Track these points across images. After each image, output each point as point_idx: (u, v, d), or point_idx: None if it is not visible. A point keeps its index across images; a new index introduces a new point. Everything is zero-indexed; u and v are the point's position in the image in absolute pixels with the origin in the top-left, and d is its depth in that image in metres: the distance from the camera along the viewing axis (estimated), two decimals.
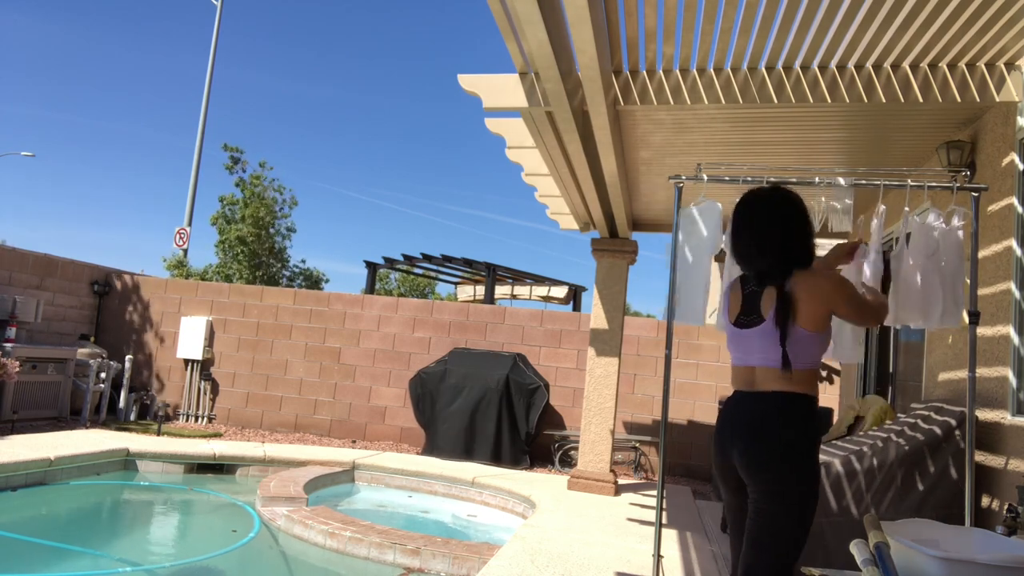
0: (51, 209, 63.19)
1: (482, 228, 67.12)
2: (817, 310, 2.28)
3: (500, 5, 3.19)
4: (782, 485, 2.22)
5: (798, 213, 2.42)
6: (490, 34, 63.76)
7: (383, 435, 9.26)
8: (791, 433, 2.25)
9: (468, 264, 11.59)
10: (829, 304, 2.29)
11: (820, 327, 2.29)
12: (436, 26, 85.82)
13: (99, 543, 4.99)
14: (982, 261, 4.04)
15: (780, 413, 2.28)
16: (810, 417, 2.29)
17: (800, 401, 2.28)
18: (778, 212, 2.41)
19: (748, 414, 2.33)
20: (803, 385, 2.29)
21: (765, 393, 2.32)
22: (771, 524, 2.22)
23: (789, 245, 2.36)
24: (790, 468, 2.22)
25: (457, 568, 4.50)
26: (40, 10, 68.81)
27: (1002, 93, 3.87)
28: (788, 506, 2.21)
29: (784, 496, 2.21)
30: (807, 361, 2.30)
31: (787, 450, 2.23)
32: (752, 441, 2.28)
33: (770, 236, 2.38)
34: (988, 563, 2.07)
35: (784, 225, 2.39)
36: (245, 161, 19.55)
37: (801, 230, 2.40)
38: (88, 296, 9.94)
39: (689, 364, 8.61)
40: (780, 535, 2.21)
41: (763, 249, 2.39)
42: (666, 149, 5.33)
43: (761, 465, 2.24)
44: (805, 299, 2.28)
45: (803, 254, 2.38)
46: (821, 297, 2.29)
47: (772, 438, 2.25)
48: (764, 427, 2.28)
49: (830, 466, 3.80)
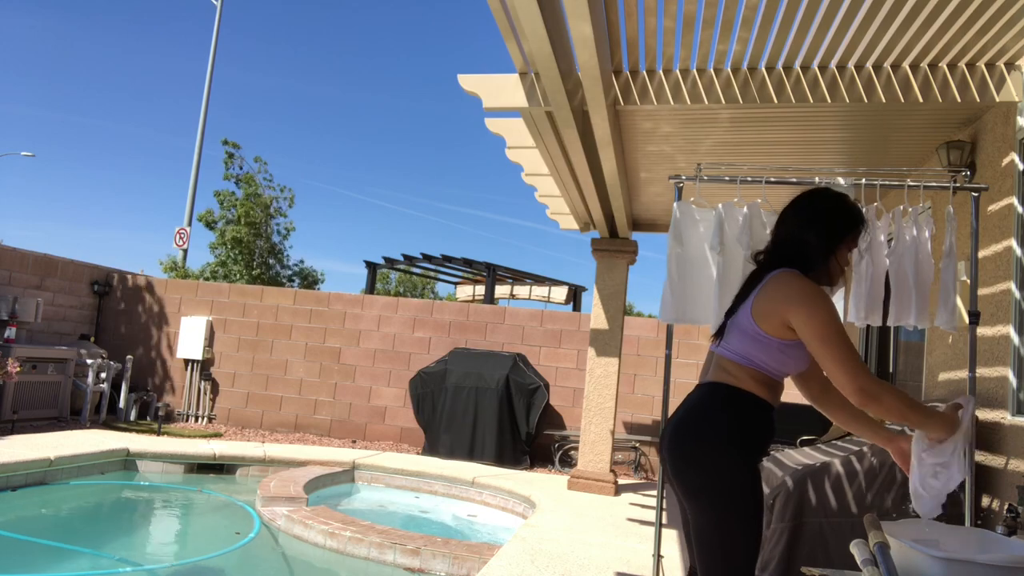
0: (51, 209, 63.13)
1: (482, 228, 67.09)
2: (768, 304, 2.04)
3: (500, 5, 3.19)
4: (697, 491, 1.99)
5: (818, 214, 2.18)
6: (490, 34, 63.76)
7: (383, 435, 9.26)
8: (709, 427, 2.01)
9: (468, 264, 11.60)
10: (783, 310, 2.00)
11: (769, 328, 2.03)
12: (436, 26, 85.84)
13: (99, 543, 4.99)
14: (982, 261, 4.04)
15: (704, 406, 2.06)
16: (743, 415, 2.02)
17: (736, 396, 2.03)
18: (797, 206, 2.23)
19: (682, 406, 2.14)
20: (743, 381, 2.05)
21: (702, 384, 2.14)
22: (706, 539, 1.98)
23: (787, 238, 2.19)
24: (707, 471, 1.98)
25: (457, 568, 4.50)
26: (40, 10, 68.83)
27: (1002, 93, 3.87)
28: (717, 520, 1.96)
29: (704, 505, 1.97)
30: (743, 355, 2.06)
31: (701, 445, 2.00)
32: (673, 436, 2.07)
33: (780, 225, 2.24)
34: (988, 563, 2.07)
35: (797, 217, 2.21)
36: (242, 158, 19.56)
37: (809, 226, 2.16)
38: (88, 296, 9.94)
39: (689, 364, 8.61)
40: (720, 551, 1.95)
41: (773, 236, 2.25)
42: (666, 149, 5.33)
43: (676, 464, 2.04)
44: (766, 294, 2.06)
45: (799, 255, 2.15)
46: (778, 297, 2.03)
47: (689, 432, 2.04)
48: (685, 419, 2.07)
49: (830, 466, 3.80)
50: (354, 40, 78.96)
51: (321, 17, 78.35)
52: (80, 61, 71.64)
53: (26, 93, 65.26)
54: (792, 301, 2.00)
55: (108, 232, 58.38)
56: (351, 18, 79.60)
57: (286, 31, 78.79)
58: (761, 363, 2.06)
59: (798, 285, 2.03)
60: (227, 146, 19.30)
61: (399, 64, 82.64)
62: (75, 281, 9.73)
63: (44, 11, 69.13)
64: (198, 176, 19.21)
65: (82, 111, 68.15)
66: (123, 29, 71.55)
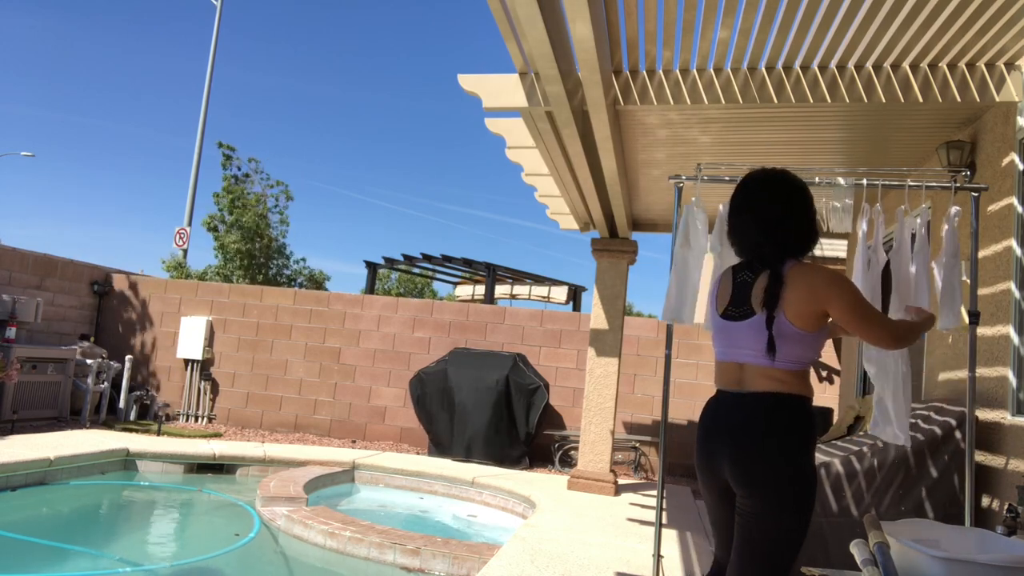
0: (51, 209, 63.17)
1: (482, 228, 67.17)
2: (806, 305, 2.10)
3: (500, 5, 3.19)
4: (773, 492, 2.06)
5: (800, 195, 2.26)
6: (490, 34, 63.74)
7: (383, 435, 9.26)
8: (780, 438, 2.08)
9: (468, 264, 11.60)
10: (819, 300, 2.09)
11: (809, 325, 2.11)
12: (436, 26, 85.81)
13: (99, 543, 4.99)
14: (982, 261, 4.04)
15: (767, 417, 2.11)
16: (801, 418, 2.12)
17: (789, 402, 2.12)
18: (780, 190, 2.27)
19: (734, 418, 2.17)
20: (793, 385, 2.13)
21: (752, 394, 2.16)
22: (763, 532, 2.07)
23: (787, 226, 2.21)
24: (781, 475, 2.06)
25: (457, 568, 4.50)
26: (40, 10, 68.82)
27: (1002, 93, 3.87)
28: (780, 514, 2.06)
29: (776, 504, 2.06)
30: (794, 360, 2.13)
31: (777, 456, 2.07)
32: (739, 448, 2.12)
33: (769, 213, 2.24)
34: (988, 563, 2.07)
35: (784, 204, 2.24)
36: (239, 159, 19.56)
37: (801, 213, 2.24)
38: (88, 296, 9.93)
39: (689, 364, 8.61)
40: (774, 544, 2.06)
41: (761, 227, 2.23)
42: (666, 149, 5.33)
43: (750, 473, 2.09)
44: (795, 290, 2.11)
45: (800, 241, 2.22)
46: (810, 290, 2.10)
47: (760, 445, 2.09)
48: (752, 433, 2.11)
49: (830, 466, 3.80)
50: (354, 40, 78.98)
51: (321, 17, 78.38)
52: (80, 61, 71.70)
53: (26, 93, 65.33)
54: (827, 294, 2.11)
55: (108, 232, 58.40)
56: (351, 18, 79.62)
57: (286, 31, 78.84)
58: (800, 358, 2.15)
59: (822, 276, 2.14)
60: (223, 148, 19.31)
61: (399, 64, 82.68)
62: (75, 281, 9.73)
63: (44, 11, 69.16)
64: (198, 176, 19.23)
65: (82, 111, 68.22)
66: (123, 29, 71.63)
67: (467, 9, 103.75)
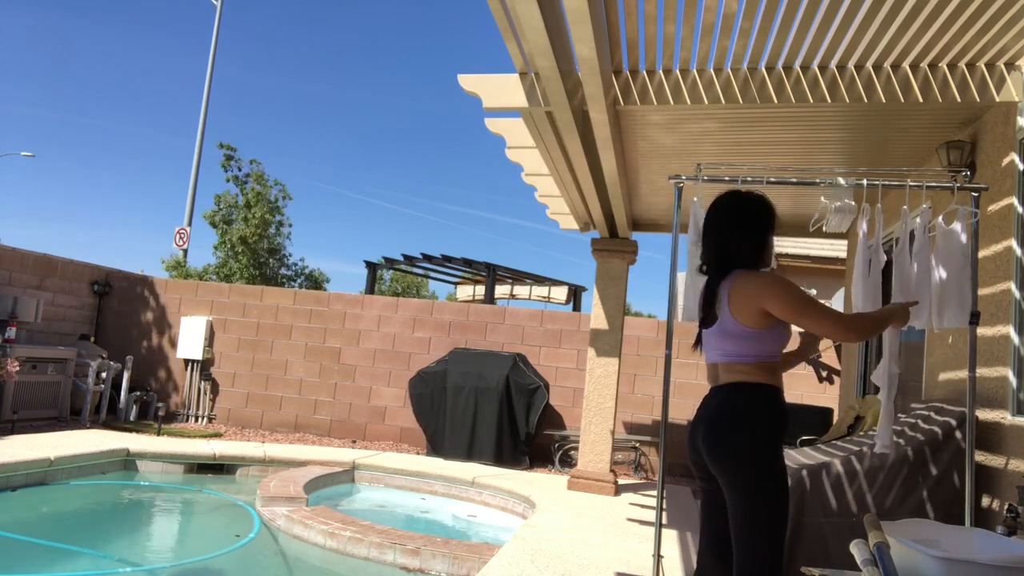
0: (51, 209, 63.13)
1: (482, 228, 67.18)
2: (747, 307, 2.35)
3: (500, 5, 3.19)
4: (739, 478, 2.27)
5: (745, 217, 2.51)
6: (490, 34, 63.71)
7: (383, 435, 9.26)
8: (742, 414, 2.32)
9: (468, 264, 11.59)
10: (759, 301, 2.33)
11: (757, 324, 2.34)
12: (436, 26, 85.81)
13: (99, 543, 4.99)
14: (982, 261, 4.03)
15: (730, 400, 2.37)
16: (761, 397, 2.34)
17: (752, 388, 2.35)
18: (725, 214, 2.54)
19: (708, 408, 2.44)
20: (758, 376, 2.36)
21: (721, 386, 2.43)
22: (744, 519, 2.26)
23: (727, 244, 2.49)
24: (744, 461, 2.27)
25: (457, 568, 4.50)
26: (40, 10, 68.77)
27: (1002, 93, 3.87)
28: (752, 497, 2.25)
29: (746, 488, 2.26)
30: (753, 355, 2.37)
31: (740, 442, 2.28)
32: (708, 427, 2.38)
33: (715, 235, 2.54)
34: (988, 563, 2.07)
35: (729, 225, 2.51)
36: (240, 160, 19.56)
37: (742, 231, 2.49)
38: (88, 296, 9.94)
39: (689, 364, 8.61)
40: (755, 529, 2.24)
41: (709, 247, 2.56)
42: (666, 149, 5.33)
43: (718, 459, 2.32)
44: (737, 296, 2.38)
45: (743, 255, 2.47)
46: (750, 294, 2.35)
47: (725, 431, 2.33)
48: (719, 421, 2.36)
49: (830, 466, 3.80)
50: (354, 40, 78.96)
51: (321, 17, 78.35)
52: (80, 61, 71.60)
53: (26, 93, 65.22)
54: (761, 294, 2.34)
55: (108, 232, 58.39)
56: (351, 18, 79.59)
57: (286, 31, 78.80)
58: (759, 353, 2.38)
59: (757, 280, 2.39)
60: (223, 149, 19.31)
61: (399, 64, 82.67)
62: (75, 281, 9.73)
63: (44, 11, 69.07)
64: (198, 176, 19.20)
65: (82, 111, 68.14)
66: (123, 29, 71.52)
67: (467, 9, 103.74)
